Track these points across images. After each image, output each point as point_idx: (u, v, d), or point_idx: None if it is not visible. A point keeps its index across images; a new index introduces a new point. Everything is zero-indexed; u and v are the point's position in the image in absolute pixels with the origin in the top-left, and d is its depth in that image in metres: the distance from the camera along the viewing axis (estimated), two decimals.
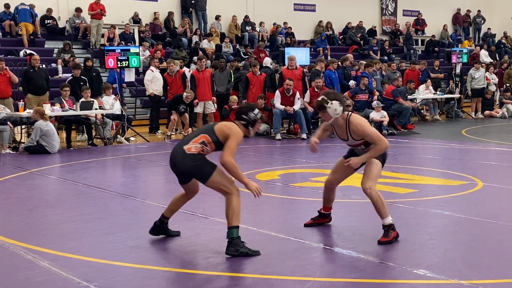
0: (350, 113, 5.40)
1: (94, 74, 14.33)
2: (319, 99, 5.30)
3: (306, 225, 5.88)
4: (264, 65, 15.35)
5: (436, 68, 19.39)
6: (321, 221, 5.91)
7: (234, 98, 13.74)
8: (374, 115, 13.90)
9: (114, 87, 14.18)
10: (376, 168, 5.35)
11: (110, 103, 13.19)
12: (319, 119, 14.40)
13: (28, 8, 18.12)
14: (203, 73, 14.01)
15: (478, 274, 4.36)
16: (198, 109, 13.88)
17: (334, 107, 5.23)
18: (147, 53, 18.20)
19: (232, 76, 14.74)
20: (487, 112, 18.36)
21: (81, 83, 13.37)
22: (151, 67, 14.96)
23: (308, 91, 13.74)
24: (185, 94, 13.14)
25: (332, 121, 5.33)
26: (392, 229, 5.33)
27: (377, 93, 14.68)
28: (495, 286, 4.11)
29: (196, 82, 13.82)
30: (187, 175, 5.12)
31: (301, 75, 14.21)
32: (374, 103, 14.17)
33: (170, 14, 21.20)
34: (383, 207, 5.34)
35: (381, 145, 5.25)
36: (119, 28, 19.49)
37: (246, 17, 22.56)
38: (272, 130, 13.79)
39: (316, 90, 13.53)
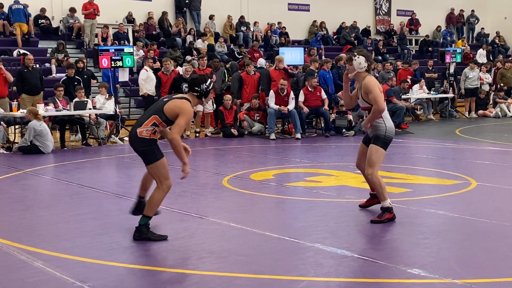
0: (369, 74, 6.01)
1: (85, 76, 14.28)
2: (350, 53, 6.07)
3: (360, 206, 6.43)
4: (258, 65, 15.35)
5: (430, 68, 19.44)
6: (372, 201, 6.35)
7: (228, 97, 13.73)
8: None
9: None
10: (376, 154, 5.88)
11: (102, 102, 13.15)
12: (313, 119, 14.49)
13: (22, 7, 18.07)
14: (203, 71, 14.05)
15: (471, 273, 4.37)
16: (199, 107, 13.85)
17: (360, 60, 5.90)
18: (141, 53, 18.17)
19: (226, 76, 14.73)
20: (480, 111, 18.42)
21: (75, 83, 13.34)
22: (145, 67, 14.92)
23: (302, 90, 13.76)
24: (183, 68, 13.11)
25: (355, 75, 5.96)
26: (389, 212, 5.84)
27: None
28: (489, 285, 4.13)
29: None
30: (138, 155, 5.41)
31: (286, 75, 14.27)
32: None
33: (164, 14, 21.18)
34: (382, 191, 5.85)
35: (377, 108, 5.82)
36: (113, 28, 19.45)
37: (242, 17, 22.55)
38: (266, 129, 13.80)
39: (310, 89, 13.56)
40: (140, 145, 5.30)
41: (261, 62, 15.97)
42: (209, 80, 5.42)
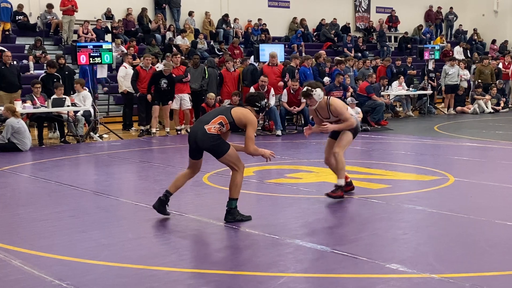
0: (329, 96, 6.84)
1: (66, 72, 14.14)
2: (305, 89, 6.60)
3: (327, 195, 6.80)
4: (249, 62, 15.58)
5: (409, 65, 19.57)
6: (347, 189, 6.95)
7: (211, 95, 13.69)
8: (348, 111, 13.95)
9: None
10: (346, 138, 6.74)
11: (81, 97, 13.03)
12: (293, 116, 14.51)
13: (10, 6, 17.84)
14: (178, 69, 14.01)
15: (449, 268, 4.41)
16: (174, 106, 13.80)
17: (318, 93, 6.57)
18: (122, 48, 18.03)
19: (206, 72, 14.70)
20: (458, 108, 18.60)
21: (54, 80, 13.20)
22: (125, 64, 14.82)
23: (285, 90, 13.79)
24: (163, 66, 13.12)
25: (317, 105, 6.60)
26: (341, 190, 6.68)
27: (351, 90, 14.76)
28: (466, 279, 4.17)
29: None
30: (202, 152, 5.89)
31: (281, 71, 14.29)
32: (349, 99, 14.24)
33: (143, 10, 21.05)
34: (342, 170, 6.69)
35: (349, 124, 6.68)
36: (91, 24, 19.28)
37: (226, 16, 22.45)
38: None
39: (292, 92, 13.57)
40: (210, 140, 5.71)
41: (251, 58, 16.13)
42: (265, 98, 6.12)
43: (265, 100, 6.02)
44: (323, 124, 6.71)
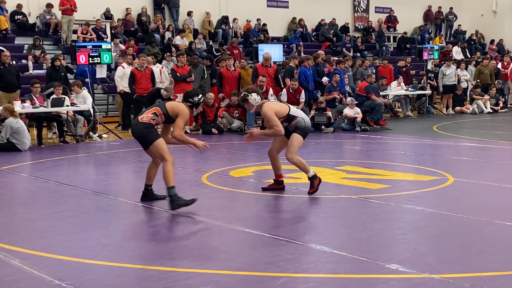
0: (265, 101, 6.93)
1: (62, 74, 14.14)
2: (241, 94, 6.86)
3: (263, 189, 7.21)
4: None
5: (408, 65, 19.57)
6: (276, 187, 7.18)
7: (211, 95, 13.69)
8: (347, 111, 13.99)
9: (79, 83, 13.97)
10: (296, 141, 6.88)
11: (80, 98, 13.02)
12: None
13: None
14: (182, 68, 14.03)
15: (448, 268, 4.41)
16: None
17: (254, 97, 6.76)
18: (121, 47, 18.02)
19: (206, 72, 14.70)
20: (457, 108, 18.61)
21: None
22: (123, 63, 14.81)
23: (284, 89, 13.79)
24: (164, 91, 13.00)
25: (255, 109, 6.83)
26: (315, 178, 6.86)
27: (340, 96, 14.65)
28: (466, 280, 4.17)
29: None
30: (139, 140, 6.26)
31: (274, 73, 14.30)
32: (348, 99, 14.27)
33: (143, 9, 21.05)
34: (304, 166, 6.90)
35: (275, 132, 6.72)
36: (90, 24, 19.27)
37: (226, 17, 22.45)
38: (246, 126, 13.80)
39: (291, 91, 13.57)
40: (140, 127, 6.12)
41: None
42: (200, 94, 6.45)
43: (199, 97, 6.37)
44: (249, 131, 7.00)
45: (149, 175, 6.58)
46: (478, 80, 19.42)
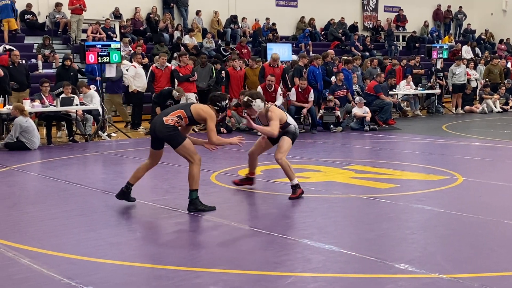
0: (270, 105, 7.03)
1: (72, 74, 14.18)
2: (245, 99, 6.77)
3: (234, 183, 7.35)
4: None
5: (417, 64, 19.52)
6: (247, 183, 7.32)
7: None
8: (356, 110, 13.96)
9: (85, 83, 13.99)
10: (287, 144, 6.87)
11: (88, 98, 13.04)
12: (302, 115, 14.50)
13: (10, 2, 17.88)
14: (185, 68, 14.04)
15: (458, 268, 4.40)
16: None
17: (258, 104, 6.71)
18: (129, 47, 18.07)
19: (214, 71, 14.71)
20: (467, 107, 18.54)
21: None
22: (134, 63, 14.85)
23: (293, 89, 13.77)
24: (175, 92, 13.03)
25: (257, 115, 6.82)
26: (298, 187, 6.76)
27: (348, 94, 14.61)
28: (475, 280, 4.15)
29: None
30: (161, 142, 6.26)
31: (281, 73, 14.28)
32: (357, 98, 14.23)
33: (153, 9, 21.08)
34: (290, 172, 6.77)
35: (270, 131, 6.74)
36: (100, 23, 19.32)
37: (235, 17, 22.45)
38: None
39: (300, 90, 13.55)
40: (166, 130, 6.06)
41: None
42: (228, 99, 6.46)
43: (226, 101, 6.35)
44: (249, 120, 6.97)
45: (136, 175, 6.52)
46: (488, 79, 19.32)
